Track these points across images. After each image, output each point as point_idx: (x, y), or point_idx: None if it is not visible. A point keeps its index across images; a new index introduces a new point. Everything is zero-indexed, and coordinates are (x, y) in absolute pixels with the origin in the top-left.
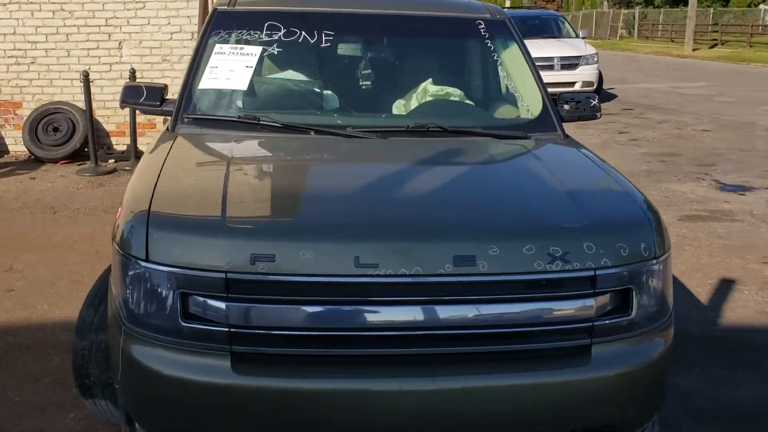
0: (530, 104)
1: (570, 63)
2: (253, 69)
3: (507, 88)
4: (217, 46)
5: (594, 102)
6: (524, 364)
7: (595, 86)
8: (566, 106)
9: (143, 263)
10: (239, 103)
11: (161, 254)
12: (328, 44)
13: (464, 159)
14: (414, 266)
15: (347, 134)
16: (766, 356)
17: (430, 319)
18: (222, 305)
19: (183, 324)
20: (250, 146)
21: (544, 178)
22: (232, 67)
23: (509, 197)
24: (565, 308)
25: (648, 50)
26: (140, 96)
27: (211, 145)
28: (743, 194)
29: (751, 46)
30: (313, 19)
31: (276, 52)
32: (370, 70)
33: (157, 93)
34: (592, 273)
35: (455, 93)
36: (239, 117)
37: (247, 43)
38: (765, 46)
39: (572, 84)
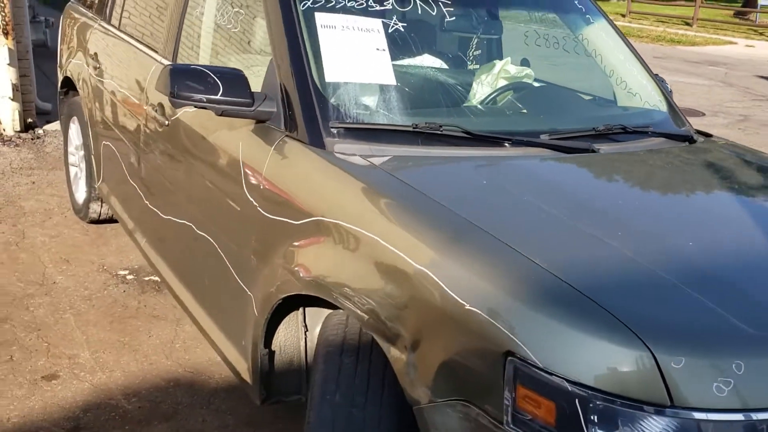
0: (648, 91)
1: None
2: (387, 52)
3: (612, 69)
4: (318, 15)
5: (666, 82)
6: None
7: None
8: None
9: (657, 412)
10: (390, 104)
11: (693, 395)
12: (454, 18)
13: (747, 179)
14: None
15: (554, 145)
16: None
17: None
18: None
19: None
20: (508, 177)
21: None
22: (355, 50)
23: None
24: None
25: None
26: (215, 89)
27: (455, 175)
28: None
29: None
30: None
31: (401, 28)
32: (480, 51)
33: (242, 85)
34: None
35: (531, 75)
36: (416, 126)
37: (352, 12)
38: None
39: None
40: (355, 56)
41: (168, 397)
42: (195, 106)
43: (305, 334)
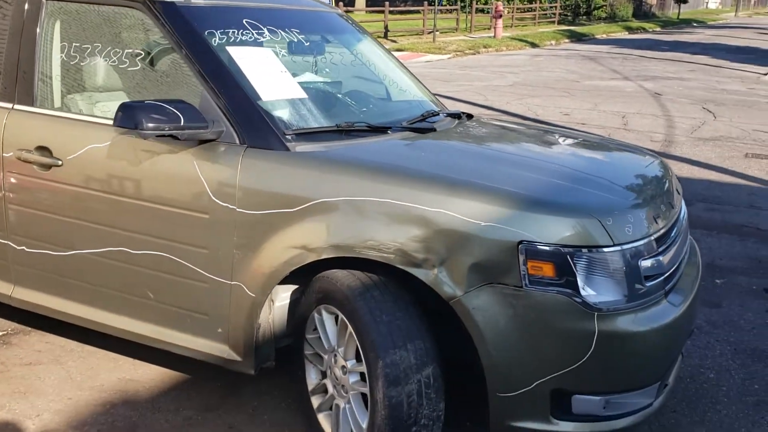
0: (414, 87)
1: None
2: (289, 73)
3: (389, 76)
4: (230, 49)
5: None
6: None
7: None
8: None
9: (607, 249)
10: (312, 111)
11: (619, 236)
12: (309, 43)
13: (529, 131)
14: None
15: (414, 128)
16: None
17: None
18: (660, 259)
19: (645, 286)
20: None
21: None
22: (268, 74)
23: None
24: None
25: None
26: (177, 119)
27: (401, 152)
28: None
29: None
30: (278, 16)
31: (285, 53)
32: (318, 67)
33: (196, 112)
34: None
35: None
36: (338, 125)
37: (248, 44)
38: None
39: None
40: (272, 78)
41: (114, 416)
42: (159, 135)
43: (271, 308)
